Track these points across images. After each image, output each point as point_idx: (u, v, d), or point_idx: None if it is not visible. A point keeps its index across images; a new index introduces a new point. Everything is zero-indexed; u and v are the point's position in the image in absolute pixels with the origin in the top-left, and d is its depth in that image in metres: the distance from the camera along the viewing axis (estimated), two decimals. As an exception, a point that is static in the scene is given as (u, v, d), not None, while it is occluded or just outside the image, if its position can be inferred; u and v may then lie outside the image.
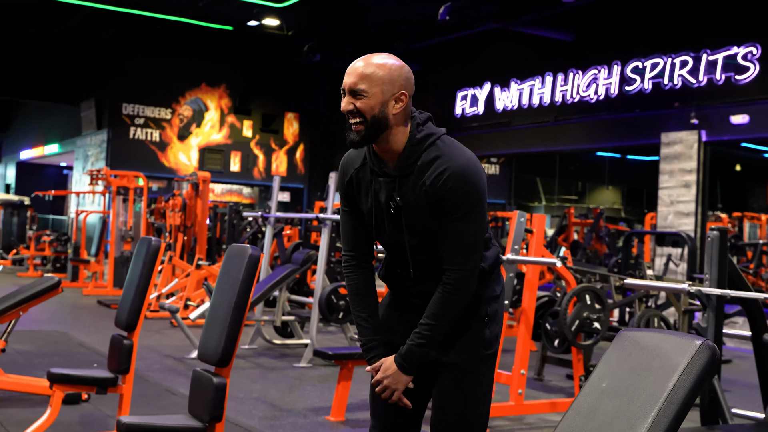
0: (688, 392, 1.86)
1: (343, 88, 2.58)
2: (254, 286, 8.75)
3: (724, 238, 4.52)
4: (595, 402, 2.00)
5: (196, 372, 3.79)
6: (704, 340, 1.93)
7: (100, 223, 15.45)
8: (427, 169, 2.54)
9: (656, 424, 1.83)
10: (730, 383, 8.09)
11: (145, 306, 4.69)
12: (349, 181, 2.72)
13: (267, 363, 8.12)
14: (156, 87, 19.11)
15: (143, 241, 4.80)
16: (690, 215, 12.11)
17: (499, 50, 15.75)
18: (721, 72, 11.77)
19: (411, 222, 2.59)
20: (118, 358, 4.64)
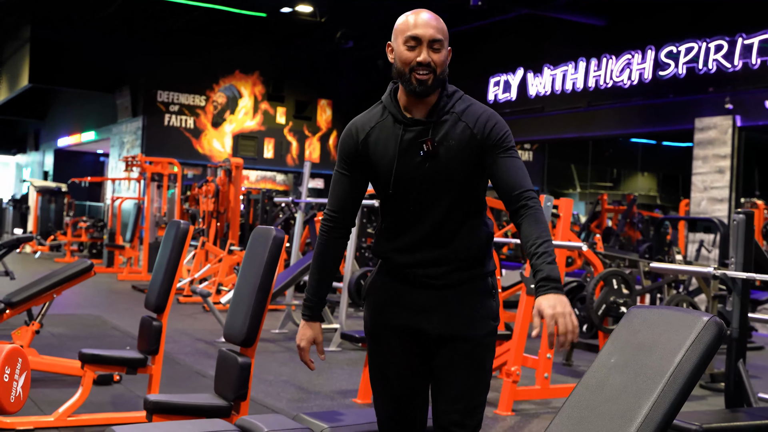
0: (694, 367, 1.88)
1: (417, 38, 2.56)
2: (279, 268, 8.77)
3: (750, 222, 4.50)
4: (603, 377, 2.02)
5: (221, 352, 3.86)
6: (711, 316, 1.94)
7: (135, 209, 15.63)
8: (465, 115, 2.60)
9: (662, 399, 1.85)
10: (761, 369, 8.05)
11: (174, 288, 4.78)
12: (363, 141, 2.68)
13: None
14: (190, 74, 19.25)
15: (172, 224, 4.88)
16: (724, 201, 12.00)
17: (532, 36, 15.68)
18: (756, 56, 11.64)
19: (442, 165, 2.57)
20: (148, 339, 4.73)
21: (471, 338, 2.64)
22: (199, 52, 19.23)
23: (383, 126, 2.66)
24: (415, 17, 2.60)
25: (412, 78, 2.55)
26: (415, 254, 2.66)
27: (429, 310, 2.65)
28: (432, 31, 2.56)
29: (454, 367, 2.64)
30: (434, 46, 2.56)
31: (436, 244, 2.64)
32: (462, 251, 2.64)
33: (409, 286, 2.68)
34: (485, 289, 2.70)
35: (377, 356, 2.76)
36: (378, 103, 2.75)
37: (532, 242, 2.47)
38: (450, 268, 2.64)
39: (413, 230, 2.66)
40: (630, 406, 1.88)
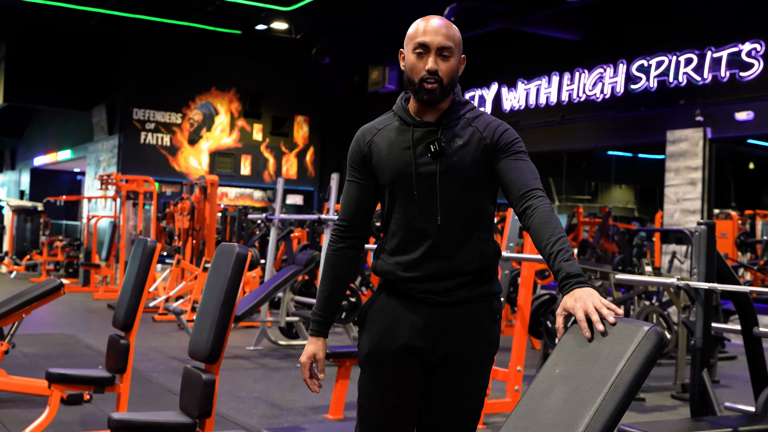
0: (634, 376, 1.91)
1: (425, 45, 2.52)
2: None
3: (712, 233, 4.55)
4: (548, 387, 2.05)
5: (186, 369, 3.86)
6: (652, 325, 1.97)
7: (111, 227, 15.58)
8: (476, 121, 2.59)
9: (603, 408, 1.88)
10: (733, 379, 8.12)
11: (141, 306, 4.77)
12: (369, 143, 2.63)
13: (271, 363, 8.19)
14: (166, 92, 19.25)
15: (139, 242, 4.89)
16: (696, 212, 12.11)
17: (506, 50, 15.79)
18: (725, 69, 11.78)
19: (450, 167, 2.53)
20: (116, 357, 4.73)
21: (472, 361, 2.58)
22: (175, 70, 19.24)
23: (390, 128, 2.64)
24: (425, 24, 2.55)
25: (421, 87, 2.53)
26: (420, 268, 2.57)
27: (432, 329, 2.56)
28: (440, 39, 2.51)
29: (453, 389, 2.58)
30: (443, 53, 2.52)
31: (441, 255, 2.56)
32: (467, 264, 2.56)
33: (413, 303, 2.58)
34: (491, 311, 2.63)
35: (376, 381, 2.61)
36: (388, 111, 2.71)
37: (545, 242, 2.36)
38: (455, 283, 2.56)
39: (419, 241, 2.57)
40: (572, 416, 1.91)
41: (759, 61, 11.36)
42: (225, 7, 15.91)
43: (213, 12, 16.35)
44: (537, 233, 2.39)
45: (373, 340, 2.61)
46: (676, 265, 11.90)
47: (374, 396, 2.62)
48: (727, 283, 4.61)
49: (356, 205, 2.68)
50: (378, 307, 2.65)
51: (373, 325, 2.63)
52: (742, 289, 4.50)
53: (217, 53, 19.40)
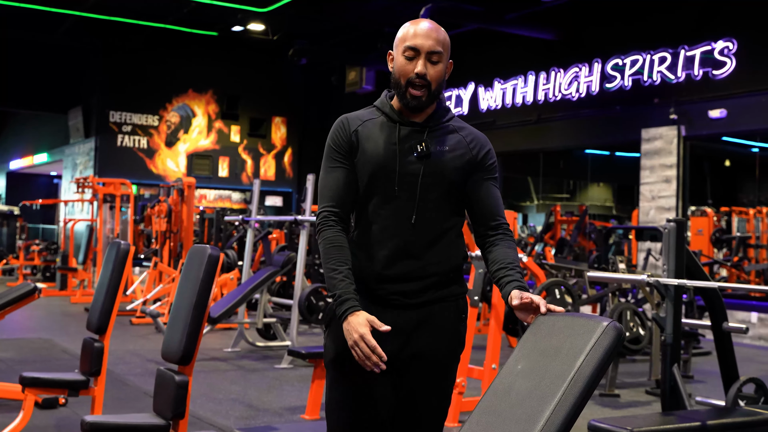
0: (593, 371, 1.94)
1: (416, 48, 2.53)
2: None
3: (681, 230, 4.60)
4: (510, 383, 2.08)
5: (159, 371, 3.88)
6: (611, 321, 2.01)
7: (88, 231, 15.51)
8: (461, 130, 2.63)
9: (563, 402, 1.92)
10: (706, 374, 8.19)
11: (115, 309, 4.77)
12: (355, 132, 2.60)
13: (248, 365, 8.20)
14: (143, 94, 19.18)
15: (113, 245, 4.88)
16: (671, 210, 12.20)
17: (482, 50, 15.84)
18: (698, 67, 11.87)
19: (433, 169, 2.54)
20: (90, 360, 4.72)
21: (441, 361, 2.60)
22: (151, 72, 19.18)
23: (375, 122, 2.62)
24: (415, 27, 2.56)
25: (408, 92, 2.54)
26: (390, 266, 2.55)
27: (401, 331, 2.54)
28: (431, 43, 2.53)
29: (422, 390, 2.58)
30: (432, 58, 2.54)
31: (412, 254, 2.55)
32: (436, 266, 2.57)
33: (381, 306, 2.55)
34: (457, 311, 2.64)
35: (344, 384, 2.58)
36: (370, 106, 2.70)
37: (509, 261, 2.52)
38: (424, 284, 2.56)
39: (391, 237, 2.56)
40: (533, 410, 1.94)
41: (731, 60, 11.46)
42: (201, 8, 15.89)
43: (189, 14, 16.32)
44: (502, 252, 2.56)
45: (340, 341, 2.53)
46: (651, 262, 11.99)
47: (342, 396, 2.58)
48: (696, 280, 4.67)
49: (346, 190, 2.60)
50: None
51: (339, 327, 2.53)
52: (711, 284, 4.56)
53: (194, 55, 19.36)
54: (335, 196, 2.59)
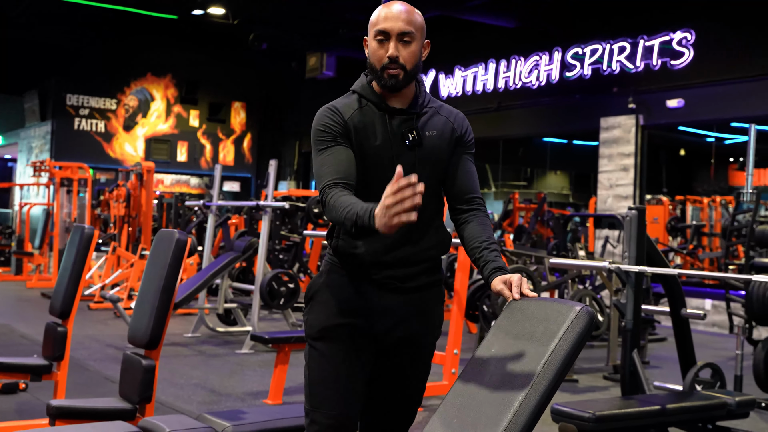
0: (567, 353, 1.99)
1: (385, 32, 2.51)
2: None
3: (642, 218, 4.69)
4: (484, 366, 2.12)
5: (126, 355, 3.87)
6: (583, 306, 2.05)
7: (44, 215, 15.33)
8: (443, 110, 2.65)
9: (537, 384, 1.96)
10: (663, 360, 8.34)
11: (79, 294, 4.74)
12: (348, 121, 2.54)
13: (209, 350, 8.18)
14: (101, 77, 18.97)
15: (76, 229, 4.85)
16: (629, 198, 12.36)
17: (443, 37, 15.84)
18: (657, 57, 12.01)
19: (425, 156, 2.55)
20: (53, 345, 4.69)
21: (425, 345, 2.65)
22: (109, 55, 18.96)
23: (364, 112, 2.57)
24: (386, 10, 2.53)
25: (384, 74, 2.51)
26: (387, 253, 2.54)
27: (391, 313, 2.57)
28: (401, 24, 2.50)
29: (405, 372, 2.63)
30: (404, 38, 2.51)
31: (407, 241, 2.55)
32: (428, 251, 2.60)
33: (374, 288, 2.57)
34: (440, 296, 2.71)
35: (329, 356, 2.56)
36: (350, 93, 2.63)
37: (483, 238, 2.56)
38: (417, 269, 2.58)
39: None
40: (508, 392, 1.98)
41: (689, 50, 11.61)
42: (160, -9, 15.74)
43: (148, -4, 16.16)
44: (476, 230, 2.60)
45: (326, 315, 2.57)
46: (609, 250, 12.15)
47: (326, 370, 2.56)
48: (656, 267, 4.76)
49: (348, 164, 2.48)
50: (333, 284, 2.60)
51: (326, 301, 2.59)
52: (671, 271, 4.65)
53: (153, 39, 19.15)
54: (336, 170, 2.45)
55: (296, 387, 6.47)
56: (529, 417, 1.93)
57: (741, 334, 5.83)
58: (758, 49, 11.16)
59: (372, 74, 2.57)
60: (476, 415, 2.02)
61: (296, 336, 5.94)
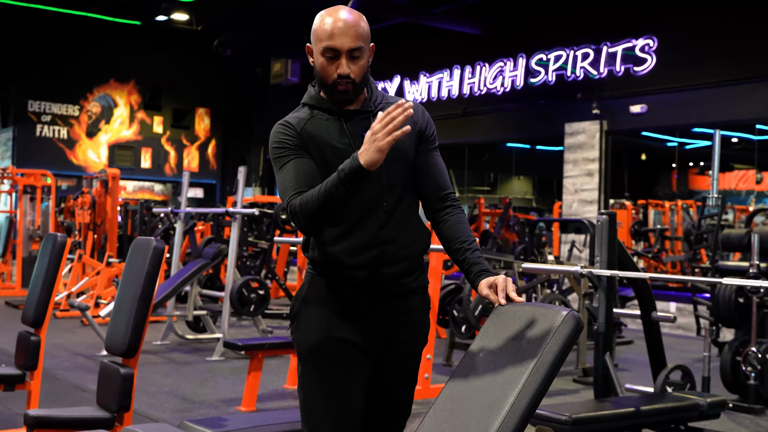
0: (555, 357, 2.03)
1: (336, 49, 2.42)
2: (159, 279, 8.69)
3: (613, 223, 4.76)
4: (473, 370, 2.15)
5: (103, 363, 3.85)
6: (570, 311, 2.10)
7: (7, 222, 15.15)
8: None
9: (526, 388, 2.00)
10: (630, 362, 8.45)
11: (52, 302, 4.71)
12: (300, 133, 2.49)
13: (179, 358, 8.15)
14: (63, 83, 18.78)
15: (49, 237, 4.82)
16: (593, 203, 12.50)
17: (408, 44, 15.94)
18: (620, 64, 12.16)
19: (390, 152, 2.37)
20: (26, 354, 4.66)
21: (415, 351, 2.63)
22: (72, 61, 18.78)
23: (316, 121, 2.52)
24: (332, 23, 2.43)
25: (335, 90, 2.46)
26: (366, 253, 2.49)
27: (376, 322, 2.53)
28: (350, 41, 2.42)
29: (397, 379, 2.60)
30: (354, 54, 2.44)
31: (385, 240, 2.50)
32: (408, 247, 2.54)
33: (357, 294, 2.52)
34: (426, 305, 2.66)
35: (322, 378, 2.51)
36: (300, 107, 2.61)
37: (464, 239, 2.53)
38: (400, 268, 2.53)
39: (364, 227, 2.50)
40: (498, 396, 2.02)
41: (652, 56, 11.77)
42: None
43: (112, 2, 16.05)
44: (456, 229, 2.55)
45: (313, 332, 2.52)
46: (576, 254, 12.27)
47: (321, 391, 2.51)
48: (627, 271, 4.83)
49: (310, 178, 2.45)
50: (315, 299, 2.56)
51: (311, 317, 2.53)
52: (642, 275, 4.73)
53: (116, 44, 19.02)
54: (301, 182, 2.44)
55: (269, 393, 6.47)
56: (519, 421, 1.97)
57: (708, 336, 5.94)
58: (719, 56, 11.35)
59: (321, 88, 2.52)
60: (466, 420, 2.05)
61: (269, 343, 5.96)
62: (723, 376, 6.28)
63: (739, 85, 11.04)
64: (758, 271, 5.91)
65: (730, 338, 7.19)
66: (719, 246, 6.85)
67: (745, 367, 6.04)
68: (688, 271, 12.62)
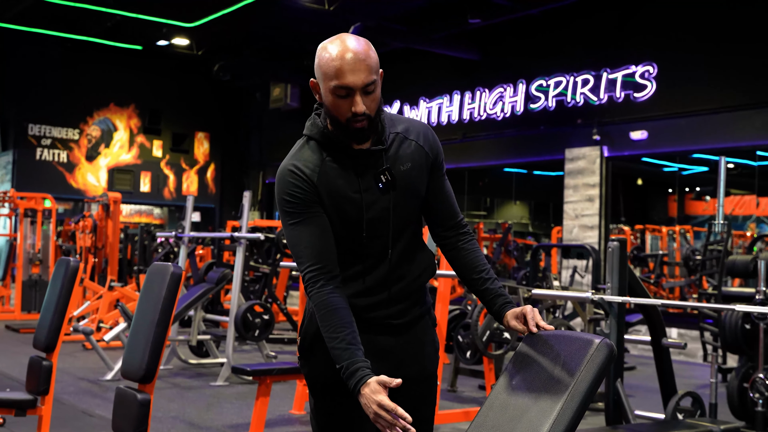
0: (589, 386, 2.04)
1: (350, 87, 2.26)
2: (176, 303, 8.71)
3: (624, 249, 4.78)
4: (506, 398, 2.17)
5: (119, 389, 3.85)
6: (602, 338, 2.11)
7: (7, 246, 15.14)
8: (409, 133, 2.45)
9: (561, 416, 2.01)
10: (634, 388, 8.44)
11: (64, 327, 4.72)
12: (316, 185, 2.36)
13: (183, 382, 8.13)
14: (63, 107, 18.80)
15: (61, 262, 4.83)
16: (594, 228, 12.53)
17: (408, 69, 16.03)
18: (620, 90, 12.24)
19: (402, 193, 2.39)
20: (38, 379, 4.66)
21: (431, 375, 2.58)
22: (72, 85, 18.82)
23: (330, 170, 2.38)
24: (341, 59, 2.25)
25: (349, 128, 2.31)
26: (380, 293, 2.45)
27: (392, 354, 2.48)
28: (363, 77, 2.25)
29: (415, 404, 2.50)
30: (368, 89, 2.28)
31: (398, 278, 2.46)
32: (417, 280, 2.50)
33: (372, 333, 2.44)
34: (433, 321, 2.62)
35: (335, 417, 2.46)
36: (305, 142, 2.44)
37: (481, 268, 2.50)
38: (409, 303, 2.50)
39: (377, 268, 2.44)
40: (532, 425, 2.03)
41: (652, 83, 11.85)
42: (125, 22, 15.71)
43: (113, 27, 16.12)
44: (472, 258, 2.52)
45: (324, 368, 2.43)
46: (577, 280, 12.28)
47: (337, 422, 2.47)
48: (638, 297, 4.85)
49: (322, 242, 2.36)
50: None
51: (321, 352, 2.41)
52: (653, 302, 4.74)
53: (117, 68, 19.08)
54: (314, 252, 2.35)
55: (276, 419, 6.47)
56: (554, 448, 1.99)
57: (714, 362, 5.95)
58: (719, 82, 11.43)
59: (334, 126, 2.36)
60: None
61: (278, 368, 5.95)
62: (730, 402, 6.28)
63: (740, 111, 11.11)
64: (765, 297, 5.93)
65: (733, 364, 7.20)
66: (725, 272, 6.88)
67: (753, 394, 6.05)
68: (687, 296, 12.64)
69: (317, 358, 2.47)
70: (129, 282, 13.08)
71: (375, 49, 2.34)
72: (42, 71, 18.51)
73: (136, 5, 14.68)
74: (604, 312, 4.78)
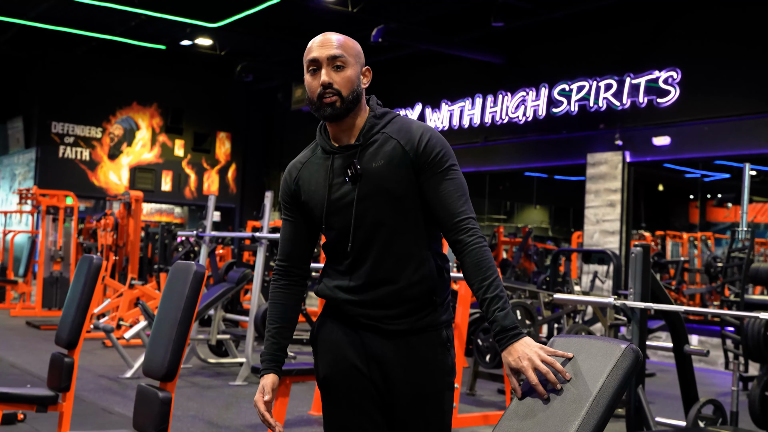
0: (614, 391, 2.03)
1: (315, 60, 2.41)
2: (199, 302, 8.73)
3: (647, 255, 4.76)
4: (530, 403, 2.15)
5: (141, 387, 3.86)
6: (628, 343, 2.10)
7: (29, 243, 15.24)
8: (398, 133, 2.43)
9: (586, 421, 2.00)
10: (654, 395, 8.38)
11: (86, 324, 4.74)
12: (296, 179, 2.54)
13: (202, 381, 8.16)
14: (86, 105, 18.93)
15: (84, 259, 4.85)
16: (615, 233, 12.48)
17: (430, 72, 16.03)
18: (643, 95, 12.18)
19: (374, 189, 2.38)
20: (59, 375, 4.68)
21: (428, 394, 2.45)
22: (95, 83, 18.95)
23: (313, 161, 2.52)
24: (314, 41, 2.45)
25: (321, 104, 2.39)
26: (361, 293, 2.45)
27: (379, 361, 2.45)
28: (329, 50, 2.39)
29: (415, 422, 2.46)
30: (336, 63, 2.39)
31: (382, 281, 2.43)
32: (409, 289, 2.42)
33: (358, 329, 2.47)
34: (442, 341, 2.48)
35: (335, 403, 2.52)
36: (312, 142, 2.59)
37: (477, 286, 2.33)
38: (399, 311, 2.43)
39: (356, 266, 2.45)
40: (558, 430, 2.02)
41: (675, 88, 11.79)
42: (149, 21, 15.79)
43: (137, 26, 16.20)
44: (470, 273, 2.36)
45: (325, 363, 2.53)
46: (598, 285, 12.24)
47: (335, 417, 2.52)
48: (661, 303, 4.82)
49: (291, 245, 2.61)
50: (326, 329, 2.55)
51: (323, 347, 2.55)
52: (675, 308, 4.71)
53: (140, 68, 19.20)
54: (284, 249, 2.63)
55: (294, 419, 6.47)
56: (578, 454, 1.97)
57: (736, 370, 5.91)
58: (743, 87, 11.35)
59: (312, 109, 2.45)
60: (525, 451, 2.05)
61: (297, 369, 5.95)
62: (751, 410, 6.23)
63: (764, 118, 11.03)
64: (788, 305, 5.89)
65: (754, 372, 7.15)
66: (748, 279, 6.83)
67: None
68: (708, 303, 12.56)
69: (318, 350, 2.59)
70: (149, 280, 13.14)
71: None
72: (66, 70, 18.65)
73: (161, 5, 14.75)
74: (626, 318, 4.76)
